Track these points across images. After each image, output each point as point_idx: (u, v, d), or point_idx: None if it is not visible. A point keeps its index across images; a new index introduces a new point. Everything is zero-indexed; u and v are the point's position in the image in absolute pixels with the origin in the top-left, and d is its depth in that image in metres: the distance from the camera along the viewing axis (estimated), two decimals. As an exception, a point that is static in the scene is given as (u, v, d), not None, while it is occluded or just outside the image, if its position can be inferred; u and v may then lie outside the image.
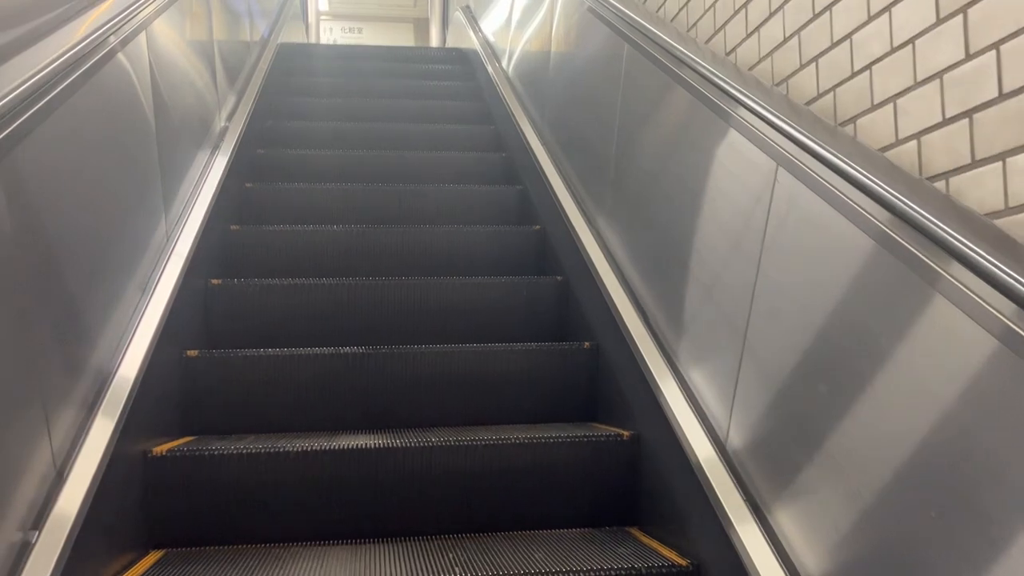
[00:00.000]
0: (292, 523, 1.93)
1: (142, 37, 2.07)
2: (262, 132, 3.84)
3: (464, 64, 5.64)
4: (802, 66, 1.65)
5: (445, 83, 5.13)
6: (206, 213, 2.53)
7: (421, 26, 12.90)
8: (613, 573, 1.64)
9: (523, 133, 3.57)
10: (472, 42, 5.53)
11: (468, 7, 6.22)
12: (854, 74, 1.48)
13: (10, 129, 1.30)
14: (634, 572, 1.66)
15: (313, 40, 9.67)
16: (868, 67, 1.43)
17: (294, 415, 2.31)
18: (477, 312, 2.71)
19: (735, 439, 1.60)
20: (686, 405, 1.80)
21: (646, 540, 1.90)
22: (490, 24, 5.18)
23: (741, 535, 1.46)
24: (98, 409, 1.62)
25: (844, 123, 1.51)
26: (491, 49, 4.96)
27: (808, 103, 1.62)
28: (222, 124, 3.12)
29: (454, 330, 2.66)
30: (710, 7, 2.07)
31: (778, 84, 1.74)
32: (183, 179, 2.45)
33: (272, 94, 4.29)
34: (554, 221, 2.98)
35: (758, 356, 1.54)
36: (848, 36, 1.49)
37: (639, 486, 2.04)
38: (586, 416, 2.44)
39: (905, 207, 1.17)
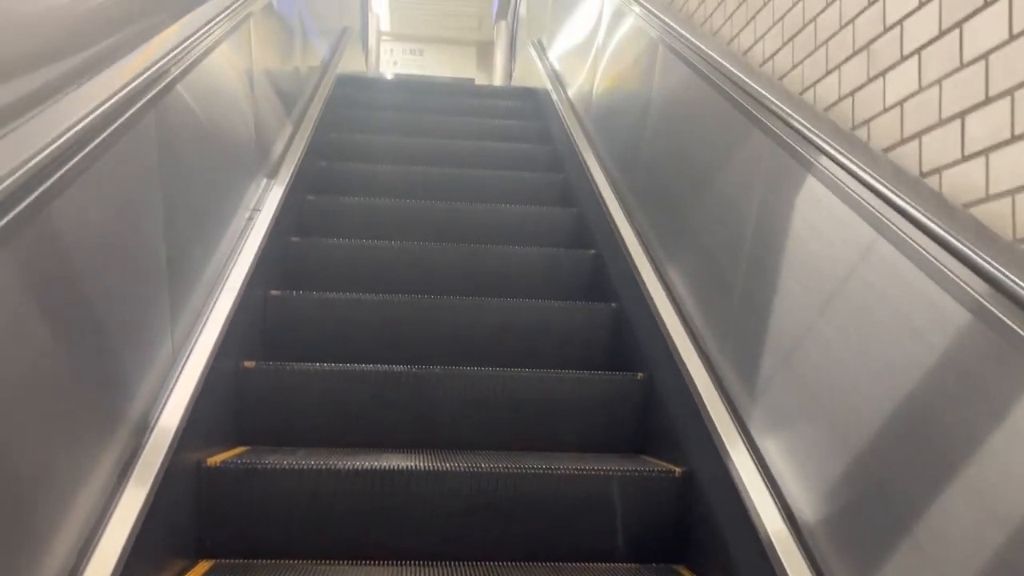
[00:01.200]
0: (338, 540, 1.92)
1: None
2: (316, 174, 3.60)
3: (531, 100, 5.39)
4: (885, 109, 1.62)
5: (516, 143, 4.51)
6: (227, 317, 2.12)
7: (485, 51, 12.62)
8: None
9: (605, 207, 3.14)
10: (542, 80, 5.17)
11: (541, 42, 5.73)
12: (942, 122, 1.44)
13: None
14: None
15: (373, 63, 9.25)
16: (959, 115, 1.40)
17: (344, 430, 2.32)
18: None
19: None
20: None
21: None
22: (570, 69, 4.62)
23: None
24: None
25: (927, 174, 1.47)
26: (565, 92, 4.52)
27: (888, 150, 1.59)
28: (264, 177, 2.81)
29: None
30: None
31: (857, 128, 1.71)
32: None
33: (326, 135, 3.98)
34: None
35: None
36: (938, 81, 1.46)
37: (689, 523, 2.01)
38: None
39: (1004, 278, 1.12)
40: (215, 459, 1.89)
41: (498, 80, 9.48)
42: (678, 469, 2.05)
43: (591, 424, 2.42)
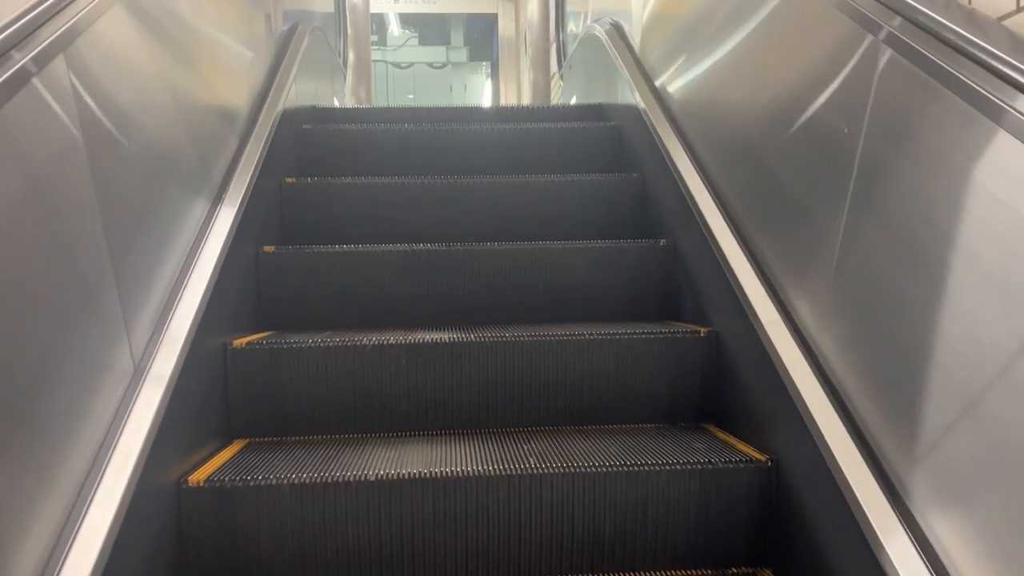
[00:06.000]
0: (369, 415, 1.96)
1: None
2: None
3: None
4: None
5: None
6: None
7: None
8: (689, 467, 1.63)
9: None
10: (628, 93, 3.01)
11: (620, 27, 3.52)
12: None
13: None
14: (711, 466, 1.63)
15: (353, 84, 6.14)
16: None
17: (370, 313, 2.33)
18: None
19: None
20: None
21: (722, 436, 1.87)
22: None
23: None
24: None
25: None
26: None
27: None
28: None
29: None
30: None
31: None
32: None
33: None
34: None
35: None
36: None
37: (715, 382, 2.00)
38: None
39: None
40: (241, 341, 1.92)
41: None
42: (703, 329, 2.04)
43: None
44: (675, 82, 2.64)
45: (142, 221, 1.58)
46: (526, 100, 7.60)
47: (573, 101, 4.55)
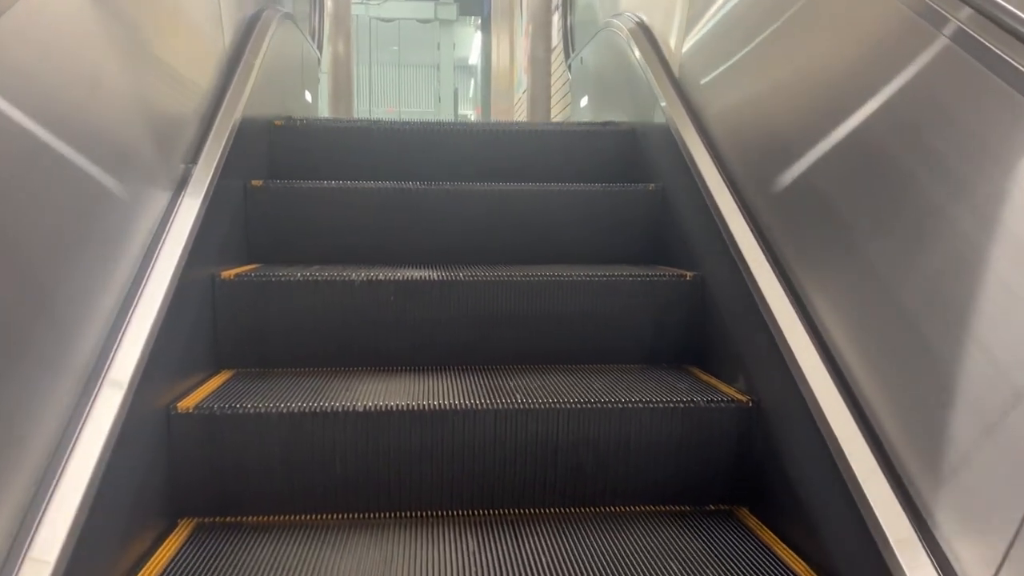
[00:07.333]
0: (356, 349, 1.98)
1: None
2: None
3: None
4: None
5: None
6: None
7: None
8: (671, 405, 1.66)
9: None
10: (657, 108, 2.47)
11: (644, 24, 2.91)
12: None
13: None
14: (692, 405, 1.67)
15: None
16: None
17: (357, 249, 2.33)
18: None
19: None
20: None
21: (705, 377, 1.90)
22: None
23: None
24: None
25: None
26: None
27: None
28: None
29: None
30: None
31: None
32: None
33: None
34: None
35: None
36: None
37: (700, 326, 2.03)
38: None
39: None
40: (229, 273, 1.92)
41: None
42: (689, 273, 2.06)
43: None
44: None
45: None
46: (520, 68, 7.42)
47: (583, 103, 4.04)
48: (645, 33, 2.83)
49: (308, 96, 3.63)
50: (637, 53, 2.76)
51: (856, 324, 1.40)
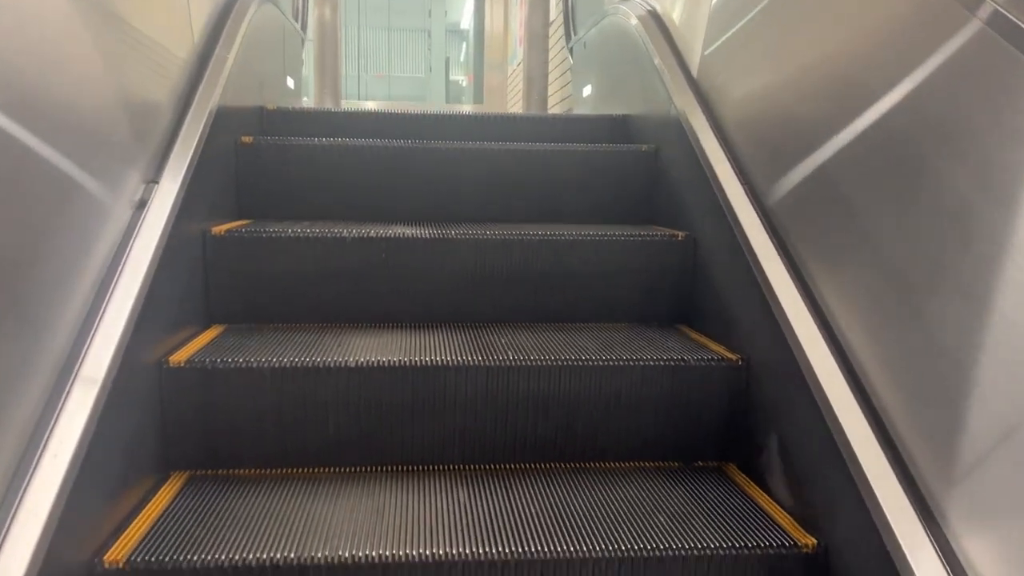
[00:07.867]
0: (348, 305, 1.98)
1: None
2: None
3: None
4: None
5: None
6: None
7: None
8: (662, 362, 1.67)
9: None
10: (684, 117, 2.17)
11: (659, 13, 2.66)
12: None
13: None
14: (683, 363, 1.68)
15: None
16: None
17: (347, 207, 2.32)
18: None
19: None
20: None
21: (695, 336, 1.91)
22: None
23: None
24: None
25: None
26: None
27: None
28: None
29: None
30: None
31: None
32: None
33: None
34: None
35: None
36: None
37: (691, 287, 2.03)
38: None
39: None
40: (220, 228, 1.91)
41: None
42: (681, 234, 2.06)
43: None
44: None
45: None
46: (515, 38, 7.24)
47: (586, 93, 3.86)
48: (658, 23, 2.59)
49: (290, 82, 3.42)
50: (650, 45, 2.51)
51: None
